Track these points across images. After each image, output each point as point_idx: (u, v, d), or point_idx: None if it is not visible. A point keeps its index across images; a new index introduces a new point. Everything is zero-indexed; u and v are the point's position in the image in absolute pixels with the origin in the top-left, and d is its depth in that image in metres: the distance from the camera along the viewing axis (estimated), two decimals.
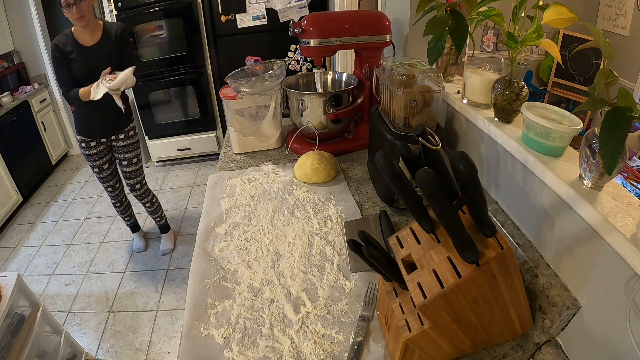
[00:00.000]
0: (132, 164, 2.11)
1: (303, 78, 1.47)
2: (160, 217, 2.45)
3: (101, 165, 2.06)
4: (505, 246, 0.54)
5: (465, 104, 1.02)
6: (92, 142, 1.97)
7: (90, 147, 1.98)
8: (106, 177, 2.12)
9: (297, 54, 3.06)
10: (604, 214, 0.58)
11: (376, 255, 0.61)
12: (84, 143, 1.97)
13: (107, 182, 2.15)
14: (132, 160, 2.10)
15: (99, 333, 1.97)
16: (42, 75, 3.60)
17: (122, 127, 2.00)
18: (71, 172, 3.71)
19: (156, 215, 2.42)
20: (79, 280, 2.32)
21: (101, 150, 2.02)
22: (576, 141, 0.70)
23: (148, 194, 2.29)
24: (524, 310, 0.65)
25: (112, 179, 2.16)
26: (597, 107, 0.58)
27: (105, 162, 2.07)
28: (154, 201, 2.35)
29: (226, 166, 1.36)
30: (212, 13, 2.89)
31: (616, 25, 1.57)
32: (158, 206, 2.40)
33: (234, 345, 0.72)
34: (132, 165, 2.11)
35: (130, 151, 2.08)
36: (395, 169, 0.54)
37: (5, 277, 1.45)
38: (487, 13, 0.85)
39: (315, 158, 1.19)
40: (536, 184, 0.75)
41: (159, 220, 2.46)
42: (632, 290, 0.54)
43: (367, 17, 1.31)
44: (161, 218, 2.46)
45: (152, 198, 2.33)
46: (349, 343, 0.71)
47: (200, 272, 0.90)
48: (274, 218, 1.05)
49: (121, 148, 2.05)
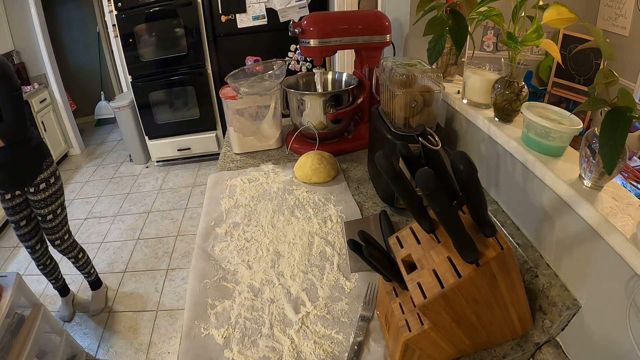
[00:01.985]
0: (46, 220, 1.78)
1: (303, 78, 1.47)
2: (88, 273, 2.09)
3: (17, 222, 1.76)
4: (505, 246, 0.54)
5: (465, 104, 1.02)
6: (6, 194, 1.69)
7: (5, 199, 1.70)
8: (24, 236, 1.80)
9: (297, 54, 3.06)
10: (604, 214, 0.58)
11: (376, 255, 0.61)
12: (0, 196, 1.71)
13: (25, 241, 1.82)
14: (47, 217, 1.77)
15: (99, 333, 1.97)
16: (42, 75, 3.61)
17: (29, 179, 1.67)
18: (71, 172, 3.71)
19: (84, 271, 2.08)
20: (79, 280, 2.32)
21: (17, 204, 1.72)
22: (576, 141, 0.70)
23: (72, 249, 1.95)
24: (524, 310, 0.65)
25: (32, 239, 1.83)
26: (597, 107, 0.58)
27: (22, 218, 1.76)
28: (79, 257, 2.00)
29: (226, 166, 1.36)
30: (212, 13, 2.89)
31: (616, 25, 1.57)
32: (86, 261, 2.06)
33: (234, 345, 0.72)
34: (48, 222, 1.79)
35: (44, 207, 1.74)
36: (395, 169, 0.54)
37: (5, 277, 1.45)
38: (487, 13, 0.85)
39: (315, 158, 1.19)
40: (536, 184, 0.75)
41: (87, 276, 2.11)
42: (632, 290, 0.54)
43: (367, 17, 1.31)
44: (89, 274, 2.10)
45: (77, 253, 1.98)
46: (349, 343, 0.71)
47: (200, 272, 0.90)
48: (274, 218, 1.05)
49: (35, 203, 1.73)
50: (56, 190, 1.77)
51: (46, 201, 1.73)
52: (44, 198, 1.72)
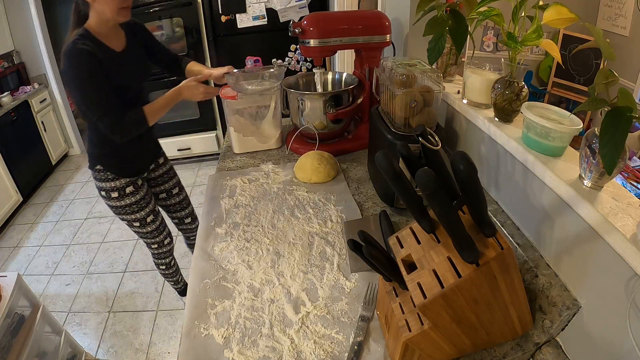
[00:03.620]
0: (173, 195, 1.65)
1: (303, 78, 1.47)
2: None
3: (154, 209, 1.53)
4: (505, 246, 0.54)
5: (465, 104, 1.02)
6: (138, 180, 1.45)
7: (138, 188, 1.44)
8: (160, 226, 1.57)
9: (297, 54, 3.06)
10: (604, 214, 0.58)
11: (376, 255, 0.61)
12: (130, 186, 1.41)
13: (159, 234, 1.58)
14: (172, 191, 1.64)
15: (99, 333, 1.97)
16: (42, 75, 3.60)
17: (159, 148, 1.59)
18: (71, 172, 3.71)
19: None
20: (79, 280, 2.32)
21: (147, 188, 1.51)
22: (576, 141, 0.70)
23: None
24: (524, 310, 0.65)
25: (166, 227, 1.62)
26: (597, 107, 0.58)
27: (155, 204, 1.55)
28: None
29: (226, 166, 1.36)
30: (212, 13, 2.89)
31: (616, 25, 1.57)
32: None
33: (234, 345, 0.72)
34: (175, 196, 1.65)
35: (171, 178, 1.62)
36: (395, 169, 0.54)
37: (5, 277, 1.45)
38: (487, 13, 0.85)
39: (315, 158, 1.19)
40: (536, 184, 0.75)
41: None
42: (632, 290, 0.54)
43: (367, 17, 1.31)
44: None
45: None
46: (349, 343, 0.71)
47: (200, 272, 0.90)
48: (274, 218, 1.05)
49: (159, 178, 1.58)
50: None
51: (170, 172, 1.62)
52: (169, 169, 1.61)
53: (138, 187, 1.44)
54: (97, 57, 1.12)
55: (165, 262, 1.72)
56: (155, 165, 1.55)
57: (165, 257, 1.70)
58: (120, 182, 1.38)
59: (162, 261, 1.71)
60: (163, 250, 1.66)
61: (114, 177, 1.37)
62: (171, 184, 1.62)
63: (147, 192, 1.49)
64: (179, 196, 1.67)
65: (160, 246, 1.63)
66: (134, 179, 1.42)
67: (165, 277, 1.81)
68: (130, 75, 1.26)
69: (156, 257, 1.70)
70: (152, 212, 1.52)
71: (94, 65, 1.12)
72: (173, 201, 1.65)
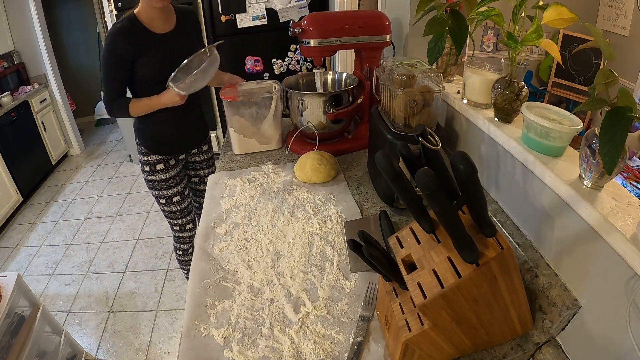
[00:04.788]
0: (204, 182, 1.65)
1: (303, 78, 1.47)
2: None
3: (182, 191, 1.58)
4: (505, 246, 0.54)
5: (465, 104, 1.02)
6: (171, 159, 1.51)
7: (170, 167, 1.51)
8: (185, 210, 1.62)
9: (297, 54, 3.06)
10: (604, 214, 0.58)
11: (376, 255, 0.61)
12: (161, 164, 1.48)
13: (185, 215, 1.64)
14: (205, 179, 1.67)
15: (99, 333, 1.97)
16: (42, 75, 3.60)
17: (204, 136, 1.63)
18: (71, 172, 3.71)
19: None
20: (79, 280, 2.32)
21: (180, 170, 1.56)
22: (576, 141, 0.70)
23: None
24: (524, 310, 0.65)
25: (191, 212, 1.67)
26: (597, 107, 0.58)
27: (185, 187, 1.61)
28: None
29: (226, 166, 1.36)
30: (212, 13, 2.88)
31: (616, 25, 1.57)
32: None
33: (234, 345, 0.72)
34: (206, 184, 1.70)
35: (209, 166, 1.69)
36: (395, 169, 0.54)
37: (5, 277, 1.45)
38: (487, 13, 0.85)
39: (315, 158, 1.19)
40: (536, 184, 0.75)
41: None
42: (632, 290, 0.54)
43: (367, 17, 1.31)
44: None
45: None
46: (349, 343, 0.71)
47: (200, 272, 0.90)
48: (274, 218, 1.05)
49: (197, 164, 1.64)
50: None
51: (210, 161, 1.69)
52: (210, 157, 1.69)
53: (169, 167, 1.51)
54: (131, 38, 1.25)
55: (183, 247, 1.75)
56: (198, 151, 1.62)
57: (184, 242, 1.74)
58: (152, 158, 1.48)
59: (180, 246, 1.75)
60: (184, 235, 1.70)
61: (147, 152, 1.47)
62: (207, 172, 1.68)
63: (178, 174, 1.55)
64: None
65: (181, 229, 1.68)
66: (167, 157, 1.49)
67: (180, 263, 1.85)
68: (170, 55, 1.32)
69: (176, 241, 1.74)
70: (180, 194, 1.58)
71: (120, 48, 1.25)
72: (202, 187, 1.71)
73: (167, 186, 1.53)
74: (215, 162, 1.70)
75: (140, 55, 1.27)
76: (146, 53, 1.28)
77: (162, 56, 1.32)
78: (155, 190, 1.54)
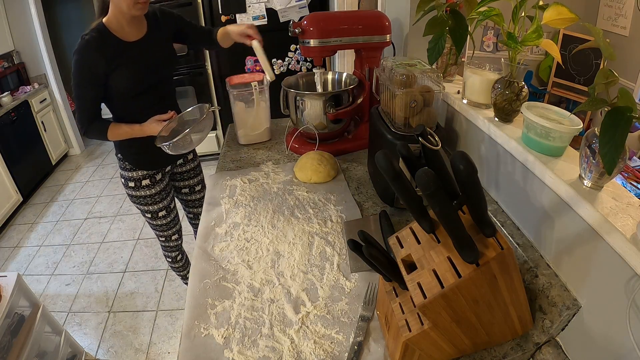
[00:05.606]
0: (195, 191, 1.67)
1: (303, 78, 1.47)
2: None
3: (168, 205, 1.54)
4: (505, 246, 0.54)
5: (465, 104, 1.02)
6: (157, 174, 1.45)
7: (156, 182, 1.45)
8: (170, 223, 1.59)
9: (297, 54, 3.06)
10: (604, 214, 0.58)
11: (376, 255, 0.61)
12: (147, 180, 1.42)
13: (171, 228, 1.61)
14: (195, 188, 1.66)
15: (99, 333, 1.97)
16: (42, 75, 3.60)
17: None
18: (71, 172, 3.71)
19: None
20: (79, 280, 2.32)
21: (167, 184, 1.51)
22: (576, 141, 0.70)
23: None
24: (524, 310, 0.65)
25: (177, 224, 1.65)
26: (597, 107, 0.58)
27: (171, 201, 1.57)
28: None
29: (226, 166, 1.36)
30: (212, 13, 2.89)
31: (616, 25, 1.57)
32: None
33: (234, 345, 0.72)
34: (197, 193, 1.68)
35: (196, 175, 1.64)
36: (395, 169, 0.54)
37: (5, 277, 1.45)
38: (487, 13, 0.85)
39: (315, 158, 1.19)
40: (536, 184, 0.75)
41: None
42: (632, 290, 0.54)
43: (367, 17, 1.31)
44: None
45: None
46: (349, 343, 0.71)
47: (200, 272, 0.90)
48: (274, 218, 1.05)
49: (185, 174, 1.59)
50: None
51: (196, 170, 1.64)
52: (195, 166, 1.63)
53: (155, 182, 1.45)
54: (103, 50, 1.16)
55: (171, 255, 1.75)
56: (184, 160, 1.57)
57: (171, 251, 1.73)
58: (137, 174, 1.40)
59: (168, 254, 1.75)
60: (170, 245, 1.69)
61: (132, 168, 1.39)
62: (195, 180, 1.64)
63: (164, 188, 1.50)
64: (200, 193, 1.68)
65: (167, 240, 1.66)
66: (152, 172, 1.43)
67: (172, 269, 1.85)
68: (145, 63, 1.25)
69: (163, 249, 1.74)
70: (166, 208, 1.54)
71: (90, 63, 1.16)
72: (194, 197, 1.68)
73: (153, 202, 1.47)
74: (202, 170, 1.68)
75: (115, 68, 1.17)
76: (121, 65, 1.18)
77: (138, 66, 1.23)
78: (141, 205, 1.49)
